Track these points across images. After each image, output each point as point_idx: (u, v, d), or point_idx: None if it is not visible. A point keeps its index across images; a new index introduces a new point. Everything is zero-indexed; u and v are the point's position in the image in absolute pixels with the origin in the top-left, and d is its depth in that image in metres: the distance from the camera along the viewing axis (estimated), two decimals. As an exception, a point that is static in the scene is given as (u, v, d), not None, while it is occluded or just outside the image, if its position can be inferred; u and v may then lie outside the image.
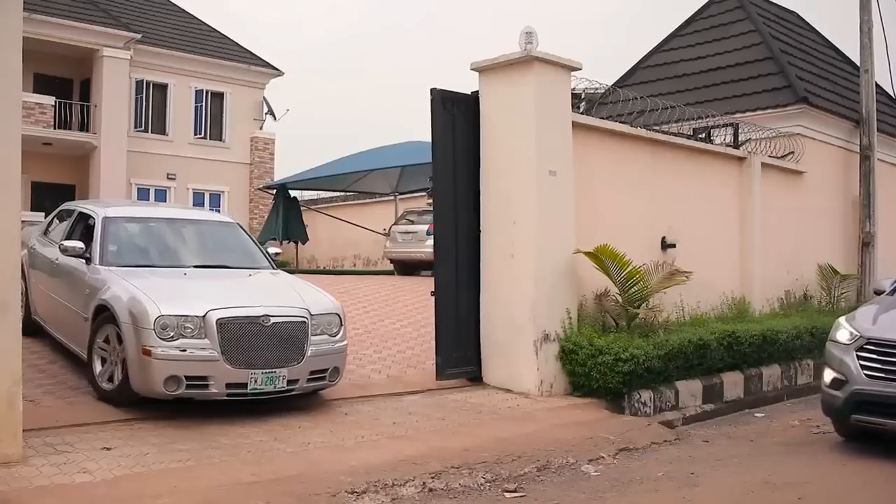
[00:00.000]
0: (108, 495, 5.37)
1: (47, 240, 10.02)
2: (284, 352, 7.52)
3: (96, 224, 8.84)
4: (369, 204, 30.39)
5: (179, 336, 7.13)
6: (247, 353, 7.30)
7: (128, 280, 7.77)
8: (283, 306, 7.78)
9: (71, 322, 8.50)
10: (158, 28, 31.49)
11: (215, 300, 7.50)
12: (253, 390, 7.34)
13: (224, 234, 9.73)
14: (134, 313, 7.23)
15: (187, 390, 7.16)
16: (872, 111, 14.93)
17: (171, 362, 7.07)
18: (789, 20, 18.23)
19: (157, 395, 7.17)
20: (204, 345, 7.18)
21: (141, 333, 7.12)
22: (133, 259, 8.60)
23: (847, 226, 15.26)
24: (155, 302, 7.25)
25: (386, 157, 21.44)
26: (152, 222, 9.37)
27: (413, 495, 5.90)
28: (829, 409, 7.95)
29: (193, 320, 7.20)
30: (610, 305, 9.90)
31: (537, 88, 9.28)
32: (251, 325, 7.39)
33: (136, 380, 7.19)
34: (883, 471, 7.30)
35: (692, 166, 11.84)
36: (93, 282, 8.10)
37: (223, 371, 7.19)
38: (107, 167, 27.76)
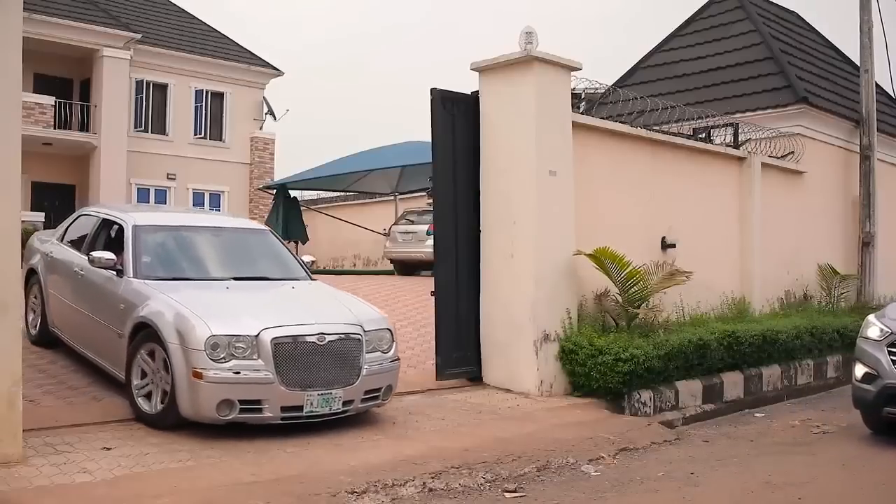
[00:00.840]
0: (107, 495, 5.37)
1: (66, 247, 9.37)
2: (340, 371, 7.11)
3: (126, 233, 8.23)
4: (369, 204, 30.37)
5: (231, 357, 6.70)
6: (302, 374, 6.89)
7: (168, 294, 7.28)
8: (337, 323, 7.36)
9: (101, 338, 7.93)
10: (158, 28, 31.50)
11: (267, 317, 7.07)
12: (308, 413, 6.94)
13: (257, 243, 9.20)
14: (182, 333, 6.76)
15: (240, 414, 6.74)
16: (872, 111, 14.93)
17: (224, 385, 6.64)
18: (789, 20, 18.24)
19: (207, 420, 6.74)
20: (257, 366, 6.75)
21: (190, 354, 6.66)
22: (169, 271, 8.08)
23: (847, 226, 15.26)
24: (204, 320, 6.79)
25: (386, 157, 21.43)
26: (184, 231, 8.80)
27: (413, 495, 5.90)
28: (859, 402, 8.34)
29: (246, 340, 6.77)
30: (610, 305, 9.90)
31: (537, 88, 9.28)
32: (306, 344, 6.97)
33: (184, 404, 6.71)
34: (883, 471, 7.31)
35: (692, 166, 11.84)
36: (128, 296, 7.56)
37: (278, 393, 6.78)
38: (107, 167, 27.77)
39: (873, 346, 8.22)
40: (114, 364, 7.65)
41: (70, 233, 9.65)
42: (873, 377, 8.07)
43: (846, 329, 12.12)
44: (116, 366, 7.56)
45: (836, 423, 9.19)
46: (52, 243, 9.72)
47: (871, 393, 8.08)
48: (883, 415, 8.08)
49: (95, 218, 9.23)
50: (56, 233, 10.10)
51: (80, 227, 9.51)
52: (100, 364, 8.08)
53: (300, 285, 8.53)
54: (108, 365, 7.84)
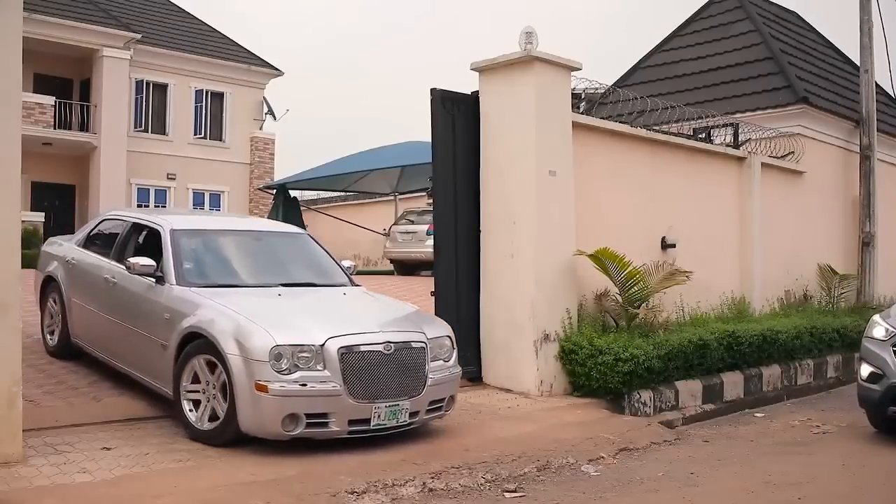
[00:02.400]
0: (107, 495, 5.37)
1: (91, 253, 8.83)
2: (406, 381, 6.76)
3: (164, 238, 7.78)
4: (369, 204, 30.39)
5: (296, 368, 6.34)
6: (370, 385, 6.55)
7: (219, 302, 6.92)
8: (401, 330, 7.04)
9: (139, 350, 7.48)
10: (158, 28, 31.52)
11: (328, 325, 6.74)
12: (376, 426, 6.62)
13: (297, 247, 8.83)
14: (242, 343, 6.37)
15: (307, 429, 6.39)
16: (872, 111, 14.92)
17: (291, 398, 6.27)
18: (789, 20, 18.24)
19: (271, 435, 6.40)
20: (324, 377, 6.39)
21: (253, 366, 6.28)
22: (213, 277, 7.65)
23: (847, 226, 15.26)
24: (267, 329, 6.43)
25: (386, 157, 21.42)
26: (222, 235, 8.43)
27: (413, 495, 5.90)
28: (865, 402, 8.45)
29: (311, 349, 6.42)
30: (610, 305, 9.90)
31: (537, 88, 9.28)
32: (373, 354, 6.63)
33: (246, 418, 6.34)
34: (883, 470, 7.32)
35: (692, 166, 11.83)
36: (173, 304, 7.14)
37: (346, 406, 6.43)
38: (107, 167, 27.80)
39: (879, 345, 8.33)
40: (155, 377, 7.25)
41: (93, 238, 9.16)
42: (879, 377, 8.19)
43: (846, 329, 12.13)
44: (159, 379, 7.17)
45: (836, 423, 9.20)
46: (72, 250, 9.18)
47: (876, 392, 8.18)
48: (888, 414, 8.17)
49: (124, 222, 8.77)
50: (74, 238, 9.63)
51: (106, 233, 9.06)
52: (137, 377, 7.65)
53: (350, 291, 8.26)
54: (147, 378, 7.42)
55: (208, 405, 6.66)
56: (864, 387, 8.41)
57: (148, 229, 8.30)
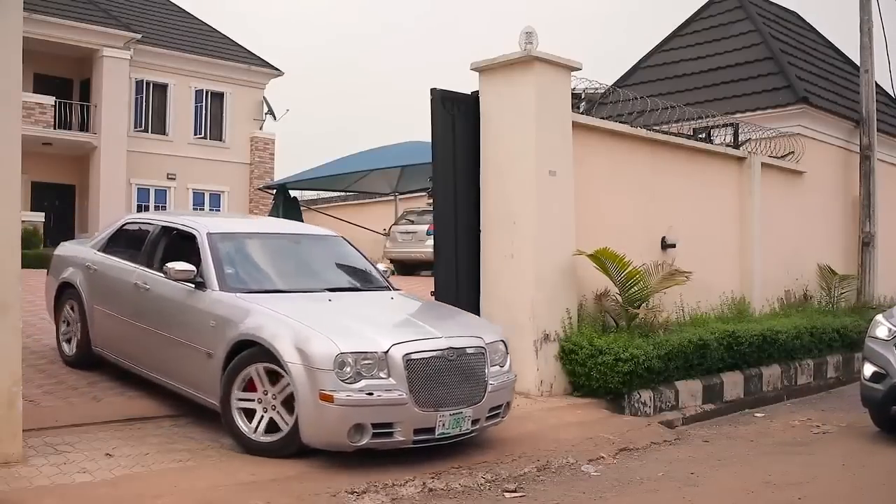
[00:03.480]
0: (108, 495, 5.37)
1: (115, 259, 8.46)
2: (468, 389, 6.56)
3: (200, 242, 7.49)
4: (369, 204, 30.39)
5: (360, 376, 6.10)
6: (435, 393, 6.33)
7: (271, 308, 6.67)
8: (461, 336, 6.80)
9: (178, 359, 7.22)
10: (158, 28, 31.53)
11: (390, 332, 6.59)
12: (441, 434, 6.39)
13: (333, 250, 8.58)
14: (305, 351, 6.13)
15: (373, 439, 6.16)
16: (872, 111, 14.92)
17: (357, 408, 6.05)
18: (789, 20, 18.23)
19: (335, 446, 6.19)
20: (389, 385, 6.16)
21: (316, 375, 6.04)
22: (257, 282, 7.43)
23: (847, 226, 15.25)
24: (329, 336, 6.20)
25: (386, 157, 21.42)
26: (259, 238, 8.23)
27: (413, 495, 5.90)
28: (868, 401, 8.50)
29: (374, 357, 6.18)
30: (610, 305, 9.90)
31: (537, 88, 9.28)
32: (437, 360, 6.40)
33: (309, 430, 6.12)
34: (883, 470, 7.32)
35: (692, 166, 11.83)
36: (219, 311, 6.87)
37: (411, 415, 6.20)
38: (107, 167, 27.83)
39: (882, 345, 8.38)
40: (196, 387, 7.03)
41: (115, 243, 8.78)
42: (882, 376, 8.23)
43: (846, 329, 12.13)
44: (200, 389, 6.95)
45: (837, 423, 9.20)
46: (92, 255, 8.79)
47: (879, 392, 8.23)
48: (892, 413, 8.22)
49: (151, 226, 8.44)
50: (90, 243, 9.30)
51: (130, 237, 8.72)
52: (173, 387, 7.37)
53: (396, 295, 8.05)
54: (186, 388, 7.18)
55: (264, 416, 6.40)
56: (867, 386, 8.44)
57: (181, 233, 7.99)
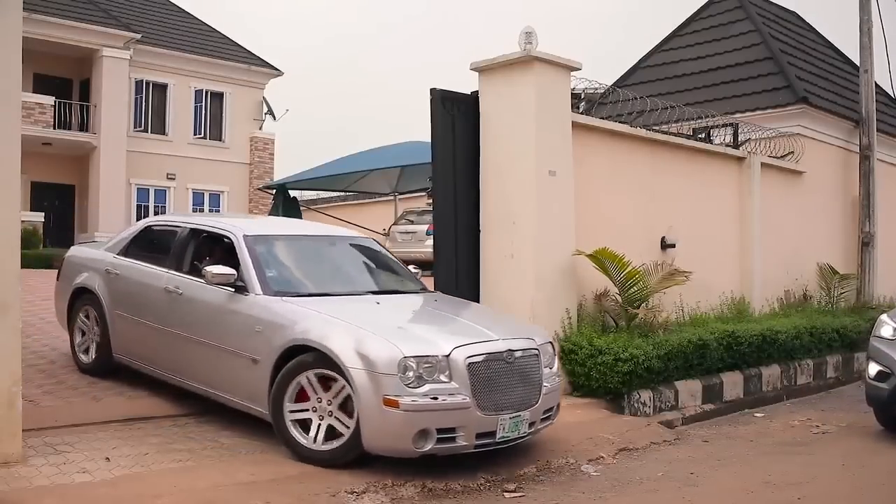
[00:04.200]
0: (107, 495, 5.37)
1: (139, 263, 8.20)
2: (526, 391, 6.50)
3: (238, 245, 7.29)
4: (369, 204, 30.40)
5: (422, 380, 5.98)
6: (496, 396, 6.25)
7: (324, 312, 6.54)
8: (515, 338, 6.71)
9: (217, 365, 7.01)
10: (158, 28, 31.55)
11: (448, 334, 6.49)
12: (501, 438, 6.30)
13: (367, 252, 8.47)
14: (366, 355, 5.99)
15: (437, 445, 6.04)
16: (872, 111, 14.92)
17: (422, 413, 5.92)
18: (789, 20, 18.23)
19: (399, 453, 6.09)
20: (452, 389, 6.05)
21: (380, 380, 5.90)
22: (301, 286, 7.28)
23: (846, 226, 15.25)
24: (391, 340, 6.09)
25: (385, 157, 21.40)
26: (295, 241, 8.07)
27: (413, 495, 5.90)
28: (873, 400, 8.55)
29: (435, 360, 6.06)
30: (609, 305, 9.89)
31: (537, 88, 9.28)
32: (497, 363, 6.33)
33: (371, 436, 5.99)
34: (883, 470, 7.32)
35: (692, 166, 11.83)
36: (265, 315, 6.69)
37: (474, 419, 6.10)
38: (106, 167, 27.85)
39: (887, 344, 8.44)
40: (238, 394, 6.85)
41: (137, 247, 8.49)
42: (887, 375, 8.27)
43: (846, 329, 12.13)
44: (244, 396, 6.78)
45: (836, 423, 9.20)
46: (111, 259, 8.50)
47: (884, 391, 8.27)
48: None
49: (179, 229, 8.17)
50: (106, 246, 8.95)
51: (154, 240, 8.49)
52: (212, 395, 7.18)
53: (440, 297, 8.03)
54: (227, 395, 6.99)
55: (322, 424, 6.25)
56: (871, 385, 8.48)
57: (213, 235, 7.84)
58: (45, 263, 20.44)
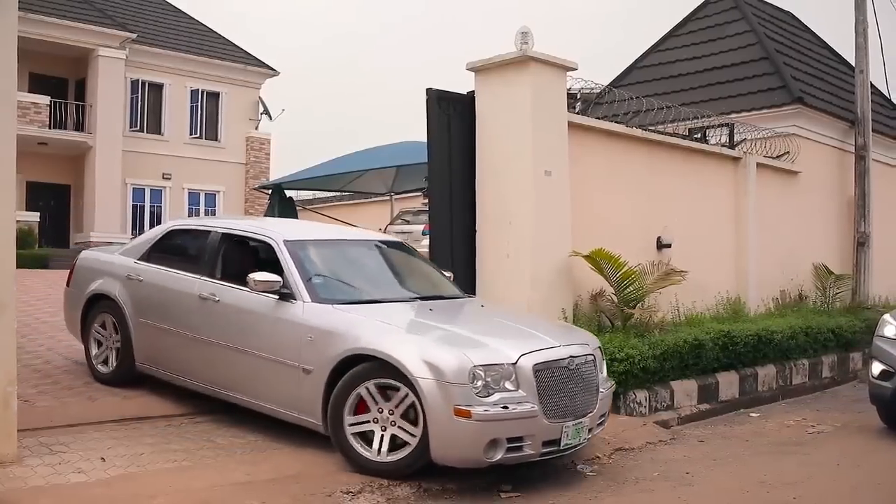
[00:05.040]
0: (103, 495, 5.37)
1: (164, 269, 7.89)
2: (586, 397, 6.48)
3: (279, 251, 7.07)
4: (365, 204, 30.39)
5: (490, 389, 5.88)
6: (560, 403, 6.20)
7: (382, 321, 6.45)
8: (573, 344, 6.65)
9: (262, 375, 6.80)
10: (154, 27, 31.53)
11: (511, 342, 6.36)
12: (565, 445, 6.25)
13: (402, 256, 8.35)
14: (435, 365, 5.84)
15: (506, 454, 5.94)
16: (867, 111, 14.94)
17: (493, 423, 5.83)
18: (784, 20, 18.26)
19: (469, 464, 5.98)
20: (520, 397, 5.97)
21: (450, 390, 5.76)
22: (349, 293, 7.11)
23: (842, 226, 15.28)
24: (460, 349, 6.00)
25: (381, 157, 21.38)
26: (335, 246, 7.84)
27: (409, 495, 5.90)
28: (877, 399, 8.67)
29: (502, 369, 5.97)
30: (605, 305, 9.90)
31: (533, 88, 9.28)
32: (560, 369, 6.27)
33: (441, 447, 5.85)
34: (878, 470, 7.33)
35: (688, 166, 11.84)
36: (317, 324, 6.49)
37: (541, 427, 6.04)
38: (102, 167, 27.83)
39: (890, 343, 8.56)
40: (286, 405, 6.64)
41: (161, 252, 8.17)
42: (890, 374, 8.39)
43: (841, 329, 12.14)
44: (294, 407, 6.58)
45: (832, 423, 9.21)
46: (131, 264, 8.19)
47: (888, 389, 8.39)
48: None
49: (209, 234, 7.87)
50: (122, 250, 8.64)
51: (181, 245, 8.24)
52: (255, 405, 6.94)
53: (486, 303, 7.96)
54: (273, 406, 6.77)
55: (385, 434, 6.09)
56: (875, 384, 8.58)
57: (249, 240, 7.67)
58: (40, 263, 20.43)
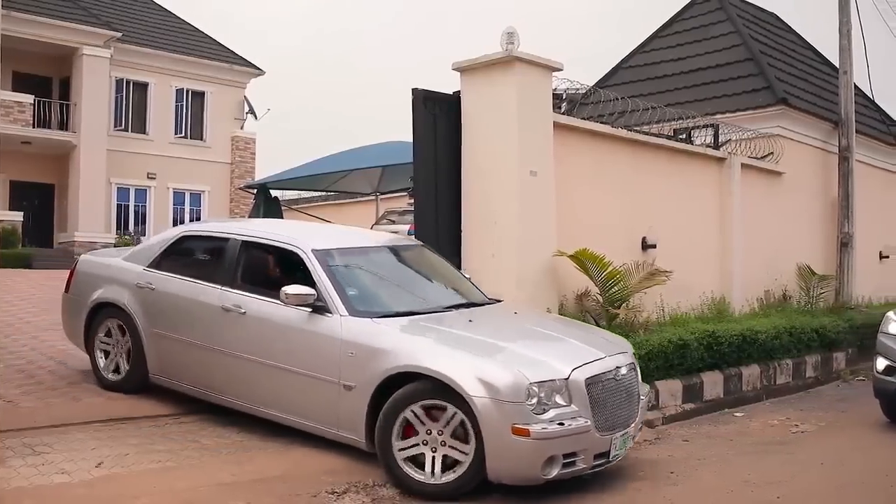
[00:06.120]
0: (86, 496, 5.35)
1: (179, 277, 7.59)
2: (630, 406, 6.46)
3: (309, 261, 6.85)
4: (350, 204, 30.32)
5: (545, 406, 5.78)
6: (610, 415, 6.17)
7: (428, 336, 6.38)
8: (616, 354, 6.62)
9: (299, 390, 6.59)
10: (139, 26, 31.43)
11: (563, 356, 6.26)
12: (613, 457, 6.22)
13: (427, 260, 8.11)
14: (491, 382, 5.70)
15: (562, 470, 5.87)
16: (851, 112, 15.02)
17: (551, 440, 5.74)
18: (769, 22, 18.34)
19: (527, 481, 5.85)
20: (573, 412, 5.89)
21: (506, 408, 5.65)
22: (386, 305, 6.92)
23: (826, 226, 15.35)
24: (515, 366, 5.89)
25: (367, 157, 21.34)
26: (362, 254, 7.61)
27: (394, 496, 5.89)
28: (881, 393, 9.05)
29: (555, 384, 5.88)
30: (590, 305, 9.91)
31: (519, 89, 9.29)
32: (609, 382, 6.24)
33: (498, 466, 5.72)
34: (861, 470, 7.37)
35: (673, 167, 11.88)
36: (358, 339, 6.31)
37: (592, 441, 5.99)
38: (86, 166, 27.69)
39: (895, 340, 8.94)
40: (327, 421, 6.46)
41: (174, 259, 7.84)
42: (894, 369, 8.79)
43: (825, 329, 12.20)
44: (334, 424, 6.41)
45: (815, 423, 9.26)
46: (139, 271, 7.85)
47: (893, 384, 8.79)
48: None
49: (227, 241, 7.55)
50: (126, 255, 8.31)
51: (196, 252, 8.01)
52: (287, 420, 6.75)
53: (519, 309, 7.84)
54: (311, 422, 6.59)
55: (437, 456, 5.90)
56: (880, 379, 8.94)
57: (273, 249, 7.42)
58: (24, 263, 20.29)
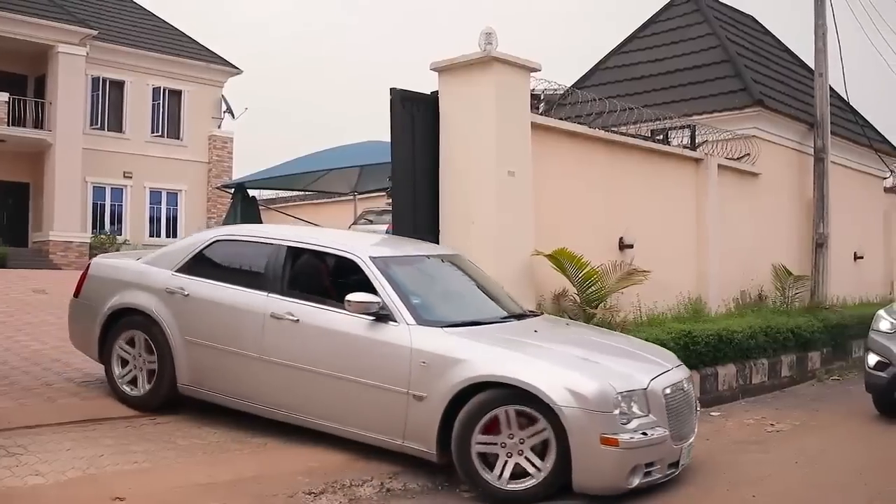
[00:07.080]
0: (60, 497, 5.31)
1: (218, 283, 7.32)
2: (692, 416, 6.66)
3: (367, 268, 6.75)
4: (328, 203, 30.26)
5: (628, 416, 5.87)
6: (681, 425, 6.32)
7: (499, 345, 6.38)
8: (678, 365, 6.88)
9: (363, 401, 6.45)
10: (115, 24, 31.24)
11: (637, 367, 6.42)
12: (682, 466, 6.38)
13: (470, 271, 8.01)
14: (579, 392, 5.76)
15: (643, 479, 5.97)
16: (826, 114, 15.12)
17: (636, 450, 5.84)
18: (746, 24, 18.44)
19: (611, 490, 5.88)
20: (652, 423, 6.00)
21: (595, 418, 5.72)
22: (449, 314, 6.88)
23: (801, 227, 15.46)
24: (603, 377, 5.97)
25: (344, 157, 21.26)
26: (412, 262, 7.58)
27: (371, 495, 5.89)
28: (872, 388, 9.45)
29: (636, 395, 5.98)
30: (568, 305, 9.94)
31: (496, 89, 9.30)
32: (679, 392, 6.41)
33: (585, 476, 5.78)
34: (835, 468, 7.43)
35: (650, 167, 11.93)
36: (430, 348, 6.23)
37: (668, 450, 6.12)
38: (62, 165, 27.48)
39: (885, 337, 9.35)
40: (391, 432, 6.35)
41: (209, 265, 7.56)
42: (885, 365, 9.17)
43: (800, 329, 12.28)
44: (400, 434, 6.30)
45: (790, 422, 9.32)
46: (167, 276, 7.52)
47: (883, 379, 9.18)
48: (894, 398, 9.20)
49: (269, 246, 7.35)
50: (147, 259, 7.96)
51: (233, 258, 7.64)
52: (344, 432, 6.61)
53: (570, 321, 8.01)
54: (374, 434, 6.46)
55: (509, 461, 5.90)
56: (871, 374, 9.36)
57: (325, 255, 7.32)
58: (-1, 262, 20.25)
